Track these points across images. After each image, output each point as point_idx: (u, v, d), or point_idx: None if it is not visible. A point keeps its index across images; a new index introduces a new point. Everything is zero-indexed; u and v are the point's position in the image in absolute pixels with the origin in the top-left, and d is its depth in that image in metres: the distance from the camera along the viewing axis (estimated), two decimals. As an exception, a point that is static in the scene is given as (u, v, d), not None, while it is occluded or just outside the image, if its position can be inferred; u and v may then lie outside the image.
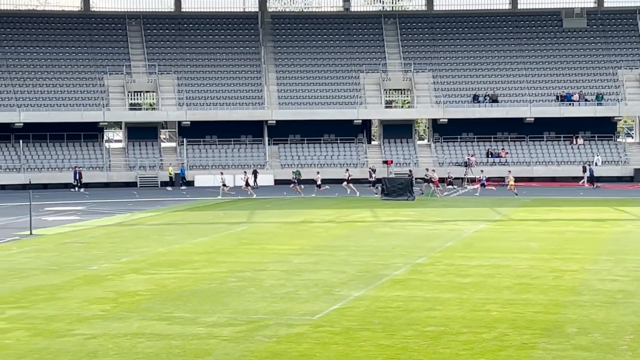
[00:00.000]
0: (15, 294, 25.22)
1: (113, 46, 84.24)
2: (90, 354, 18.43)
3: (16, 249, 35.51)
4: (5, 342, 19.51)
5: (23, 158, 75.26)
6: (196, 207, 55.44)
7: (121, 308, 23.09)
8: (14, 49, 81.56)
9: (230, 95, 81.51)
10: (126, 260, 31.80)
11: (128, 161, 77.77)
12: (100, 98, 79.15)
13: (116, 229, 43.29)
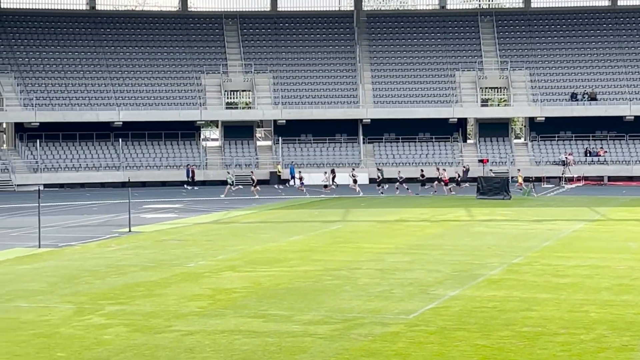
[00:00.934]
0: (114, 290, 25.64)
1: (210, 46, 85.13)
2: (187, 350, 18.63)
3: (115, 246, 36.10)
4: (104, 337, 19.84)
5: (122, 156, 76.52)
6: (291, 206, 55.68)
7: (218, 305, 23.30)
8: (113, 49, 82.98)
9: (326, 93, 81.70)
10: (222, 258, 32.09)
11: (224, 159, 78.49)
12: (197, 97, 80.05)
13: (212, 227, 43.73)
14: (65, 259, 32.42)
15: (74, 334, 20.17)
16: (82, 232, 41.91)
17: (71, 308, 23.10)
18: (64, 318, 21.86)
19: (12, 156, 75.41)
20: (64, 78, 79.53)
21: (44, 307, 23.21)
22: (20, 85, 77.52)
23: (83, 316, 22.06)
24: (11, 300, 24.37)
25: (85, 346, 19.02)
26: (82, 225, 45.34)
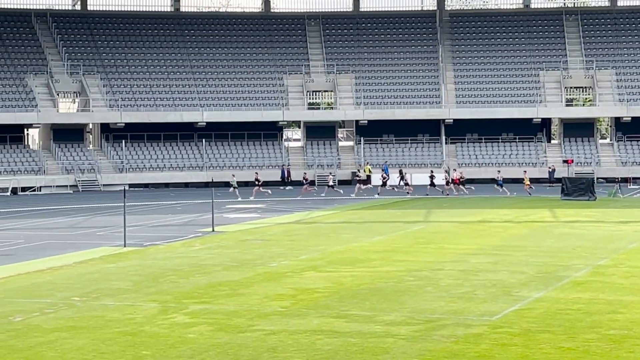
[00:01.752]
0: (198, 290, 25.86)
1: (292, 46, 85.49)
2: (270, 350, 18.71)
3: (199, 246, 36.44)
4: (189, 336, 20.03)
5: (205, 157, 77.21)
6: (373, 206, 55.62)
7: (300, 305, 23.37)
8: (197, 50, 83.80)
9: (408, 94, 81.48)
10: (305, 258, 32.18)
11: (306, 160, 78.73)
12: (279, 98, 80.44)
13: (295, 227, 43.88)
14: (149, 258, 32.83)
15: (159, 332, 20.40)
16: (166, 231, 42.40)
17: (156, 307, 23.36)
18: (149, 316, 22.12)
19: (98, 156, 76.60)
20: (149, 79, 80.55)
21: (129, 306, 23.52)
22: (106, 87, 78.73)
23: (167, 315, 22.29)
24: (97, 298, 24.75)
25: (170, 344, 19.23)
26: (166, 224, 45.88)
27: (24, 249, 36.57)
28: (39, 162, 73.93)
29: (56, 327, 21.02)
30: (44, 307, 23.46)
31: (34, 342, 19.51)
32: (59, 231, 43.54)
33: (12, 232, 42.81)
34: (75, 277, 28.48)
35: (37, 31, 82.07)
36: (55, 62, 79.84)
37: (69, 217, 50.65)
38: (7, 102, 74.89)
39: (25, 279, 28.36)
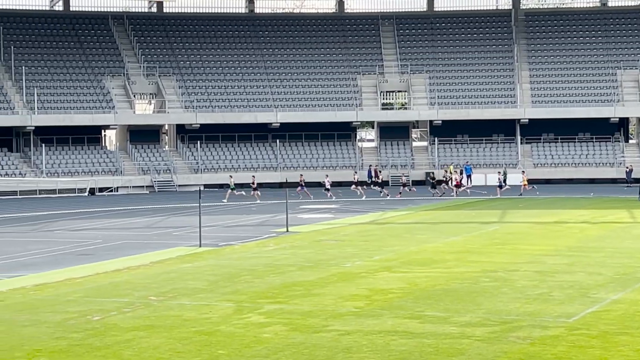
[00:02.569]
0: (272, 289, 25.98)
1: (366, 47, 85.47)
2: (344, 350, 18.72)
3: (273, 246, 36.60)
4: (264, 336, 20.13)
5: (279, 157, 77.54)
6: (447, 206, 55.37)
7: (374, 305, 23.35)
8: (271, 51, 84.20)
9: (482, 93, 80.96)
10: (379, 258, 32.14)
11: (380, 160, 78.63)
12: (353, 98, 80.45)
13: (368, 227, 43.86)
14: (225, 258, 33.06)
15: (234, 332, 20.53)
16: (241, 231, 42.68)
17: (231, 306, 23.52)
18: (225, 316, 22.27)
19: (173, 157, 77.37)
20: (224, 80, 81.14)
21: (205, 305, 23.71)
22: (181, 88, 79.49)
23: (243, 314, 22.43)
24: (174, 298, 24.99)
25: (245, 344, 19.34)
26: (241, 225, 46.18)
27: (102, 248, 37.09)
28: (116, 163, 74.91)
29: (133, 326, 21.28)
30: (122, 306, 23.77)
31: (111, 341, 19.78)
32: (136, 231, 44.09)
33: (91, 232, 43.46)
34: (152, 277, 28.80)
35: (114, 34, 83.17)
36: (131, 64, 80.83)
37: (146, 217, 51.24)
38: (85, 104, 76.00)
39: (103, 279, 28.77)
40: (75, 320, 21.99)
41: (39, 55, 79.50)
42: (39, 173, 72.10)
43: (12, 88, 75.57)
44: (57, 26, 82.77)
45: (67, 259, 33.87)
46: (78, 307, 23.75)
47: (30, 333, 20.71)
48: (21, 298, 25.43)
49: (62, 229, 45.53)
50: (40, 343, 19.70)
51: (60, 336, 20.31)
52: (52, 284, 27.68)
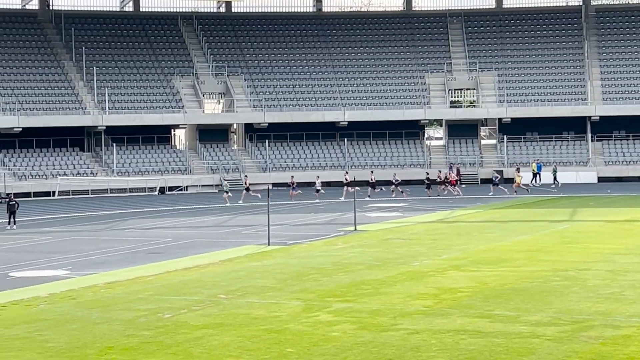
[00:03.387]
0: (341, 288, 26.01)
1: (434, 44, 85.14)
2: (413, 349, 18.68)
3: (342, 244, 36.64)
4: (332, 334, 20.16)
5: (347, 156, 77.55)
6: (516, 205, 54.92)
7: (443, 304, 23.26)
8: (339, 50, 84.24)
9: (552, 91, 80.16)
10: (447, 257, 32.02)
11: (448, 158, 78.28)
12: (421, 96, 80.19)
13: (437, 226, 43.69)
14: (293, 257, 33.18)
15: (303, 330, 20.60)
16: (309, 230, 42.79)
17: (300, 305, 23.60)
18: (293, 314, 22.35)
19: (242, 156, 77.79)
20: (292, 79, 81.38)
21: (274, 304, 23.82)
22: (250, 87, 79.89)
23: (311, 313, 22.49)
24: (243, 296, 25.15)
25: (314, 342, 19.39)
26: (309, 223, 46.29)
27: (172, 247, 37.45)
28: (185, 162, 75.53)
29: (203, 324, 21.45)
30: (192, 304, 23.98)
31: (182, 339, 19.96)
32: (205, 230, 44.44)
33: (161, 231, 43.89)
34: (222, 275, 29.01)
35: (183, 34, 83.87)
36: (200, 63, 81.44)
37: (215, 216, 51.60)
38: (155, 104, 76.75)
39: (173, 277, 29.05)
40: (146, 318, 22.24)
41: (109, 55, 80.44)
42: (110, 172, 72.97)
43: (84, 88, 76.58)
44: (127, 27, 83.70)
45: (137, 258, 34.27)
46: (149, 305, 24.01)
47: (102, 330, 20.99)
48: (93, 296, 25.79)
49: (133, 227, 46.06)
50: (111, 340, 19.96)
51: (131, 334, 20.56)
52: (123, 282, 28.03)
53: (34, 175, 70.22)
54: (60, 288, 27.26)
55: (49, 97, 74.49)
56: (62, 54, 79.18)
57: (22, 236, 42.46)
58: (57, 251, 36.63)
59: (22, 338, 20.41)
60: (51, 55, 78.78)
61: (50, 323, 21.97)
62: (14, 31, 79.53)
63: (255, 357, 18.34)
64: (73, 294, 26.09)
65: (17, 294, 26.48)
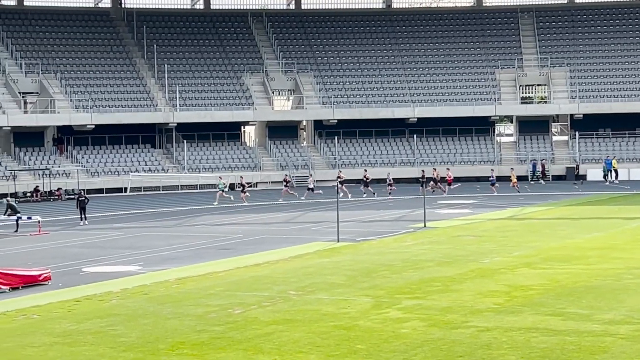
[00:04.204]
0: (410, 285, 25.93)
1: (505, 40, 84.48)
2: (484, 347, 18.55)
3: (411, 241, 36.53)
4: (402, 331, 20.10)
5: (416, 152, 77.31)
6: (588, 202, 54.28)
7: (514, 302, 23.07)
8: (408, 46, 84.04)
9: (625, 86, 79.10)
10: (518, 254, 31.74)
11: (519, 155, 77.63)
12: (491, 92, 79.61)
13: (507, 223, 43.33)
14: (362, 253, 33.16)
15: (372, 327, 20.56)
16: (378, 227, 42.72)
17: (369, 301, 23.57)
18: (363, 311, 22.33)
19: (311, 152, 77.96)
20: (361, 76, 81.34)
21: (343, 300, 23.82)
22: (319, 84, 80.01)
23: (381, 310, 22.45)
24: (313, 292, 25.19)
25: (384, 339, 19.35)
26: (378, 220, 46.22)
27: (243, 243, 37.67)
28: (255, 158, 75.91)
29: (273, 319, 21.53)
30: (262, 300, 24.08)
31: (252, 334, 20.05)
32: (275, 226, 44.62)
33: (231, 227, 44.16)
34: (291, 271, 29.10)
35: (253, 31, 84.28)
36: (270, 60, 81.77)
37: (284, 212, 51.78)
38: (225, 100, 77.22)
39: (244, 272, 29.21)
40: (216, 314, 22.38)
41: (180, 53, 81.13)
42: (181, 169, 73.61)
43: (155, 86, 77.34)
44: (197, 24, 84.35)
45: (208, 253, 34.52)
46: (219, 300, 24.17)
47: (174, 325, 21.18)
48: (164, 291, 26.03)
49: (204, 223, 46.42)
50: (183, 335, 20.13)
51: (202, 329, 20.71)
52: (194, 278, 28.25)
53: (106, 171, 71.13)
54: (132, 283, 27.57)
55: (121, 94, 75.39)
56: (134, 52, 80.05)
57: (94, 232, 43.03)
58: (129, 247, 37.06)
59: (95, 332, 20.68)
60: (123, 53, 79.69)
61: (122, 318, 22.23)
62: (87, 30, 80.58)
63: (325, 353, 18.36)
64: (145, 289, 26.37)
65: (90, 289, 26.83)
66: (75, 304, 24.36)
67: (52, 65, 75.15)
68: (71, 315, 22.73)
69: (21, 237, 41.71)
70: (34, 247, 37.68)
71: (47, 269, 29.40)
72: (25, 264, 31.48)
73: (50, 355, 18.74)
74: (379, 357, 18.00)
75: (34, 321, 22.26)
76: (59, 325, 21.52)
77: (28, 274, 28.47)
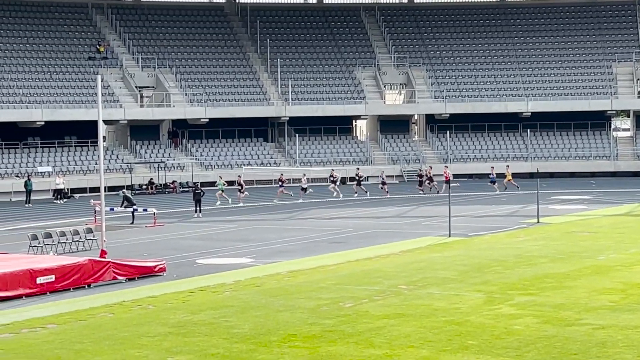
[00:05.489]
0: (523, 281, 25.66)
1: (622, 33, 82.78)
2: (598, 345, 18.26)
3: (524, 237, 36.13)
4: (514, 327, 19.92)
5: (530, 147, 76.33)
6: None
7: (630, 300, 22.64)
8: (522, 40, 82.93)
9: None
10: (634, 252, 31.13)
11: (636, 150, 76.00)
12: (608, 86, 78.10)
13: (623, 219, 42.52)
14: (474, 249, 32.93)
15: (484, 322, 20.42)
16: (490, 222, 42.35)
17: (481, 297, 23.41)
18: (474, 307, 22.19)
19: (423, 147, 77.62)
20: (474, 70, 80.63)
21: (454, 295, 23.71)
22: (431, 78, 79.60)
23: (493, 305, 22.28)
24: (424, 287, 25.13)
25: (496, 335, 19.21)
26: (490, 215, 45.81)
27: (353, 237, 37.76)
28: (366, 152, 75.92)
29: (384, 314, 21.55)
30: (373, 294, 24.12)
31: (363, 328, 20.11)
32: (386, 220, 44.61)
33: (342, 221, 44.31)
34: (402, 266, 29.07)
35: (365, 25, 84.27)
36: (382, 54, 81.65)
37: (396, 206, 51.69)
38: (337, 95, 77.42)
39: (354, 266, 29.29)
40: (327, 307, 22.50)
41: (293, 47, 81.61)
42: (293, 162, 74.07)
43: (268, 80, 77.97)
44: (310, 19, 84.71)
45: (319, 247, 34.71)
46: (330, 294, 24.29)
47: (285, 318, 21.36)
48: (276, 284, 26.27)
49: (315, 217, 46.67)
50: (294, 328, 20.29)
51: (313, 322, 20.85)
52: (305, 271, 28.45)
53: (220, 165, 72.00)
54: (245, 275, 27.90)
55: (234, 88, 76.20)
56: (248, 47, 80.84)
57: (207, 224, 43.64)
58: (242, 239, 37.48)
59: (209, 324, 20.99)
60: (237, 47, 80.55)
61: (235, 310, 22.51)
62: (202, 24, 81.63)
63: (436, 348, 18.31)
64: (257, 282, 26.65)
65: (204, 280, 27.25)
66: (190, 295, 24.76)
67: (167, 60, 76.38)
68: (185, 306, 23.12)
69: (137, 228, 42.56)
70: (149, 239, 38.42)
71: (162, 260, 29.96)
72: (141, 255, 32.12)
73: (165, 345, 19.09)
74: (491, 353, 17.87)
75: (149, 311, 22.72)
76: (173, 316, 21.92)
77: (144, 265, 29.05)
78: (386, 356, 17.81)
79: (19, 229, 42.69)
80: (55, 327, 21.19)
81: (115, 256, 29.91)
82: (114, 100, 70.33)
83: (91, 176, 63.89)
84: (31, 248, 33.58)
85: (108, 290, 26.26)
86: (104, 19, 78.03)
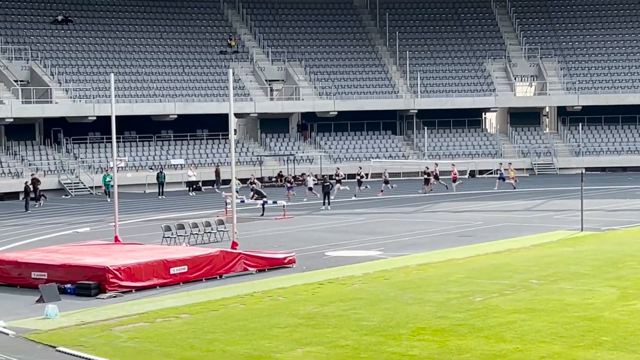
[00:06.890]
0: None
1: None
2: None
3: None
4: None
5: None
6: None
7: None
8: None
9: None
10: None
11: None
12: None
13: None
14: (608, 243, 32.28)
15: (619, 319, 20.01)
16: (624, 216, 41.45)
17: (615, 292, 22.95)
18: (608, 302, 21.77)
19: (554, 140, 76.37)
20: (607, 60, 78.95)
21: (587, 290, 23.30)
22: (563, 70, 78.25)
23: (627, 301, 21.81)
24: (555, 282, 24.76)
25: (631, 332, 18.80)
26: (624, 209, 44.83)
27: (482, 230, 37.44)
28: (495, 145, 75.09)
29: (514, 308, 21.32)
30: (503, 288, 23.88)
31: (493, 322, 19.93)
32: (515, 214, 44.07)
33: (471, 214, 43.97)
34: (533, 260, 28.69)
35: (495, 16, 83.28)
36: (513, 46, 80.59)
37: (526, 200, 51.02)
38: (467, 87, 76.78)
39: (484, 260, 29.05)
40: (457, 301, 22.38)
41: (422, 40, 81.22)
42: (421, 156, 73.77)
43: (397, 72, 77.81)
44: (440, 11, 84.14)
45: (448, 240, 34.52)
46: (460, 287, 24.14)
47: (414, 311, 21.33)
48: (405, 277, 26.24)
49: (444, 210, 46.43)
50: (423, 321, 20.24)
51: (442, 315, 20.76)
52: (434, 264, 28.34)
53: (348, 157, 72.20)
54: (374, 268, 27.94)
55: (363, 81, 76.28)
56: (376, 39, 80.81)
57: (336, 217, 43.85)
58: (370, 232, 37.55)
59: (338, 316, 21.10)
60: (366, 40, 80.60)
61: (364, 302, 22.57)
62: (331, 18, 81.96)
63: (569, 344, 18.02)
64: (386, 274, 26.67)
65: (333, 272, 27.39)
66: (319, 287, 24.93)
67: (297, 54, 76.93)
68: (315, 298, 23.29)
69: (267, 220, 43.03)
70: (279, 231, 38.81)
71: (291, 252, 30.23)
72: (271, 247, 32.47)
73: (295, 337, 19.26)
74: (625, 350, 17.50)
75: (279, 303, 22.96)
76: (303, 308, 22.10)
77: (274, 256, 29.36)
78: (517, 351, 17.61)
79: (152, 220, 43.66)
80: (188, 317, 21.61)
81: (246, 248, 30.30)
82: (244, 93, 71.22)
83: (222, 168, 64.80)
84: (164, 239, 34.29)
85: (239, 281, 26.63)
86: (235, 13, 79.08)
